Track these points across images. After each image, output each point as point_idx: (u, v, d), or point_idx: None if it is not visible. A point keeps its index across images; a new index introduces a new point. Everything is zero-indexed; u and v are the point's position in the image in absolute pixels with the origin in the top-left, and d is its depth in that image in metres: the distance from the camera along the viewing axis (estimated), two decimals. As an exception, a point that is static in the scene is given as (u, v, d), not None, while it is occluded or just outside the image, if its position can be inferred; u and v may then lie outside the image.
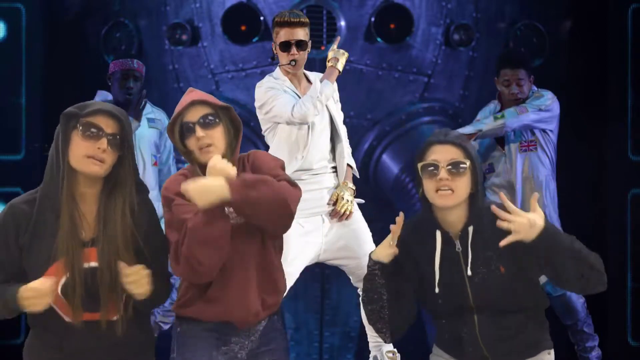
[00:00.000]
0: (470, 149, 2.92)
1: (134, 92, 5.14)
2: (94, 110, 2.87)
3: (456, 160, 2.88)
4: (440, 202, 2.88)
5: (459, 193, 2.88)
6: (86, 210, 2.91)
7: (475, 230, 2.89)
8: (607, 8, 6.01)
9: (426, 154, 2.93)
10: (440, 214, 2.93)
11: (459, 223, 2.92)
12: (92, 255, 2.88)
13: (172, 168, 5.36)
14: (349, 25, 6.24)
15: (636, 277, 5.85)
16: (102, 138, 2.85)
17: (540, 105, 5.11)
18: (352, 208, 4.17)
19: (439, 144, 2.92)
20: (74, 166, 2.87)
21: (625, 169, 5.90)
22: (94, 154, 2.84)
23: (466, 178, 2.88)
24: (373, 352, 4.26)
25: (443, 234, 2.94)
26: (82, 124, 2.86)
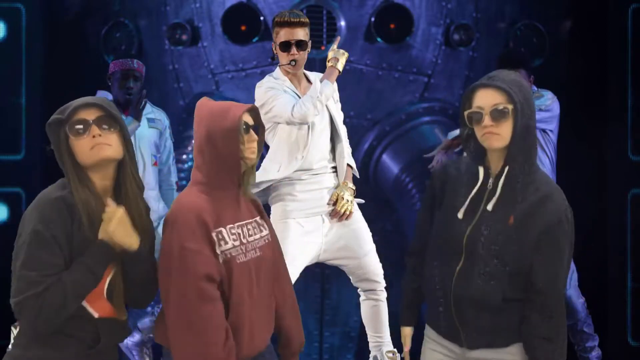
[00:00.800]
0: (514, 92, 2.95)
1: (134, 92, 5.14)
2: (72, 109, 2.90)
3: (499, 106, 2.93)
4: (487, 144, 2.95)
5: (504, 136, 2.93)
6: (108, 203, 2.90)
7: (510, 173, 2.95)
8: (607, 8, 6.01)
9: (471, 100, 2.98)
10: (489, 152, 3.00)
11: (499, 162, 2.99)
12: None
13: (172, 168, 5.36)
14: (349, 25, 6.24)
15: (636, 277, 5.85)
16: (91, 126, 2.87)
17: (540, 105, 5.10)
18: (352, 208, 4.17)
19: (483, 88, 2.98)
20: (89, 163, 2.86)
21: (625, 169, 5.90)
22: (94, 143, 2.85)
23: (510, 121, 2.94)
24: (373, 352, 4.27)
25: (485, 170, 3.01)
26: (69, 128, 2.88)
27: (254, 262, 2.96)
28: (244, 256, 2.93)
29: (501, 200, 2.94)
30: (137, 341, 5.17)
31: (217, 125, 2.93)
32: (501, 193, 2.94)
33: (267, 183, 4.10)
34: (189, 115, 6.14)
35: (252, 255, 2.96)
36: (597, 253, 5.89)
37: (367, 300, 4.27)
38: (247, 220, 3.02)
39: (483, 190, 2.99)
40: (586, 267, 5.32)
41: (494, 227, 2.93)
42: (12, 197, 5.73)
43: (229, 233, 2.91)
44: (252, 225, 3.03)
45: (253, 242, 2.99)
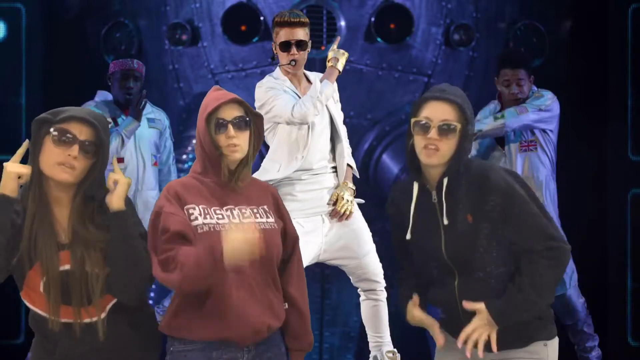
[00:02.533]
0: (465, 108, 2.92)
1: (134, 92, 5.14)
2: (67, 116, 2.85)
3: (448, 122, 2.90)
4: (425, 159, 2.92)
5: (444, 153, 2.90)
6: (62, 213, 2.89)
7: (451, 183, 2.92)
8: (607, 8, 6.01)
9: (420, 110, 2.94)
10: (425, 167, 2.97)
11: (437, 175, 2.96)
12: (65, 258, 2.87)
13: (172, 168, 5.36)
14: (349, 25, 6.24)
15: (636, 277, 5.85)
16: (74, 144, 2.83)
17: (540, 105, 5.11)
18: (352, 208, 4.17)
19: (435, 101, 2.93)
20: (45, 172, 2.85)
21: (625, 169, 5.90)
22: (64, 161, 2.82)
23: (455, 139, 2.91)
24: (373, 352, 4.26)
25: (420, 186, 2.98)
26: (55, 129, 2.84)
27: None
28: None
29: (451, 209, 2.91)
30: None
31: (199, 120, 3.02)
32: (448, 204, 2.92)
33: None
34: (189, 115, 6.15)
35: None
36: (597, 253, 5.89)
37: (367, 300, 4.27)
38: (241, 205, 3.01)
39: (431, 206, 2.96)
40: (586, 267, 5.32)
41: (462, 234, 2.90)
42: (12, 197, 5.73)
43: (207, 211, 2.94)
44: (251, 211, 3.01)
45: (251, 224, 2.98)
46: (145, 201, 5.16)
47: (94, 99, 5.21)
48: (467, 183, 2.91)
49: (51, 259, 2.83)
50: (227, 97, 3.01)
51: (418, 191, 2.98)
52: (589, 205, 5.90)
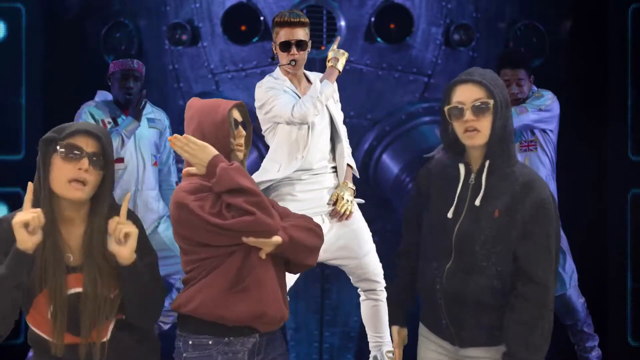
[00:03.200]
0: (493, 86, 2.96)
1: (134, 92, 5.14)
2: (72, 131, 2.84)
3: (480, 100, 2.94)
4: (468, 142, 2.97)
5: (484, 132, 2.95)
6: (73, 234, 2.88)
7: (491, 166, 2.97)
8: (607, 8, 6.01)
9: (451, 96, 2.99)
10: (468, 149, 3.02)
11: (480, 157, 3.00)
12: (79, 280, 2.85)
13: (172, 168, 5.36)
14: (349, 25, 6.24)
15: (636, 277, 5.85)
16: (83, 158, 2.81)
17: (540, 105, 5.10)
18: (352, 208, 4.17)
19: (463, 84, 2.98)
20: (57, 192, 2.83)
21: (625, 169, 5.90)
22: (76, 176, 2.80)
23: (490, 117, 2.95)
24: (373, 352, 4.26)
25: (466, 167, 3.02)
26: (62, 146, 2.82)
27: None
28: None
29: (484, 194, 2.96)
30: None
31: (208, 120, 3.06)
32: (486, 188, 2.96)
33: (267, 183, 4.10)
34: (189, 115, 6.15)
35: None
36: (597, 253, 5.89)
37: (367, 300, 4.27)
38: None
39: (466, 187, 3.00)
40: (586, 267, 5.32)
41: (481, 223, 2.94)
42: (12, 197, 5.73)
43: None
44: None
45: None
46: (145, 201, 5.16)
47: (94, 99, 5.21)
48: (511, 181, 2.94)
49: (60, 285, 2.80)
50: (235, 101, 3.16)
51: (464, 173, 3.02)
52: (589, 205, 5.90)
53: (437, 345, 3.09)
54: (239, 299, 2.93)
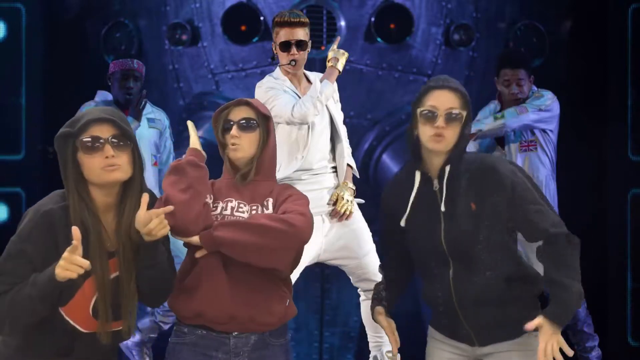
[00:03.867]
0: (467, 96, 3.00)
1: (134, 92, 5.14)
2: (85, 123, 2.82)
3: (454, 110, 2.96)
4: (433, 146, 2.96)
5: (450, 140, 2.96)
6: (108, 220, 2.87)
7: (453, 170, 2.97)
8: (607, 8, 6.01)
9: (424, 100, 2.99)
10: (428, 156, 3.01)
11: (439, 164, 3.00)
12: (115, 265, 2.86)
13: (172, 168, 5.36)
14: (349, 25, 6.24)
15: (636, 277, 5.85)
16: (105, 145, 2.81)
17: (540, 105, 5.11)
18: (352, 208, 4.17)
19: (438, 90, 2.99)
20: (96, 182, 2.82)
21: (625, 169, 5.90)
22: (106, 164, 2.80)
23: (459, 127, 2.97)
24: (373, 352, 4.26)
25: (422, 174, 3.02)
26: (80, 143, 2.81)
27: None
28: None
29: (452, 196, 2.96)
30: (137, 341, 5.17)
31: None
32: (447, 191, 2.96)
33: (267, 183, 4.09)
34: (189, 115, 6.14)
35: None
36: (597, 253, 5.88)
37: (367, 300, 4.27)
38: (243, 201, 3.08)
39: (432, 194, 3.00)
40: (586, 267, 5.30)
41: (463, 222, 2.94)
42: (12, 197, 5.73)
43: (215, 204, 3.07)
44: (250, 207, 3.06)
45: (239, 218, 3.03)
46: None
47: (94, 99, 5.21)
48: (473, 173, 2.95)
49: (105, 271, 2.81)
50: (238, 100, 3.16)
51: (420, 180, 3.02)
52: (589, 205, 5.90)
53: (452, 346, 3.08)
54: (183, 296, 3.00)
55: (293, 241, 2.96)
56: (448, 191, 2.96)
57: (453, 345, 3.08)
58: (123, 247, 2.85)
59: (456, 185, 2.96)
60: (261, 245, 2.90)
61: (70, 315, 2.85)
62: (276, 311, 3.04)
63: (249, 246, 2.90)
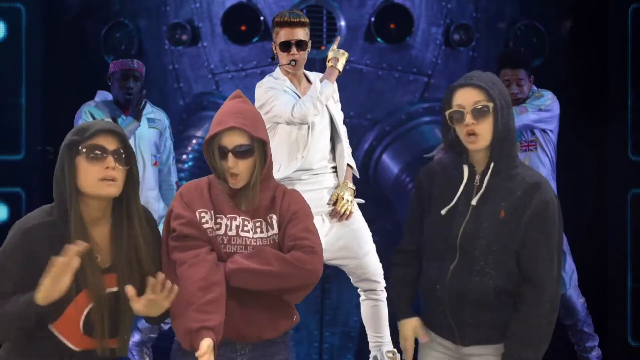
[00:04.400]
0: (493, 89, 2.98)
1: (134, 92, 5.14)
2: (93, 132, 2.83)
3: (479, 103, 2.96)
4: (471, 147, 2.99)
5: (485, 135, 2.97)
6: (99, 234, 2.87)
7: (496, 169, 2.98)
8: (607, 8, 6.01)
9: (451, 100, 3.01)
10: (471, 152, 3.03)
11: (484, 159, 3.02)
12: (109, 281, 2.84)
13: (172, 168, 5.36)
14: (349, 25, 6.24)
15: (636, 277, 5.85)
16: (107, 157, 2.81)
17: (540, 105, 5.10)
18: (352, 208, 4.17)
19: (461, 88, 3.00)
20: (88, 192, 2.82)
21: (625, 169, 5.89)
22: (104, 175, 2.80)
23: (491, 119, 2.96)
24: (373, 352, 4.26)
25: (470, 169, 3.03)
26: (85, 147, 2.81)
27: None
28: (223, 247, 2.98)
29: (488, 195, 2.97)
30: (137, 341, 5.17)
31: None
32: (486, 189, 2.98)
33: (267, 183, 4.09)
34: (189, 115, 6.15)
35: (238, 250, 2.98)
36: (597, 253, 5.88)
37: (367, 300, 4.27)
38: (246, 217, 3.02)
39: (471, 188, 3.01)
40: (586, 267, 5.32)
41: (487, 223, 2.95)
42: (12, 197, 5.73)
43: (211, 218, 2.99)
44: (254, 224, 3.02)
45: (245, 238, 3.00)
46: (145, 201, 5.14)
47: (94, 99, 5.21)
48: (517, 182, 2.97)
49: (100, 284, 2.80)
50: (227, 124, 2.99)
51: (468, 174, 3.03)
52: (589, 205, 5.90)
53: (438, 344, 3.10)
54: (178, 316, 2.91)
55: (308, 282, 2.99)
56: (486, 189, 2.98)
57: (438, 343, 3.10)
58: (120, 263, 2.84)
59: (496, 185, 2.97)
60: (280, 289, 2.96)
61: (61, 332, 2.83)
62: (282, 327, 3.07)
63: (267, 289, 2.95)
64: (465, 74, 3.09)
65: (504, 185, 2.97)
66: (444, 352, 3.09)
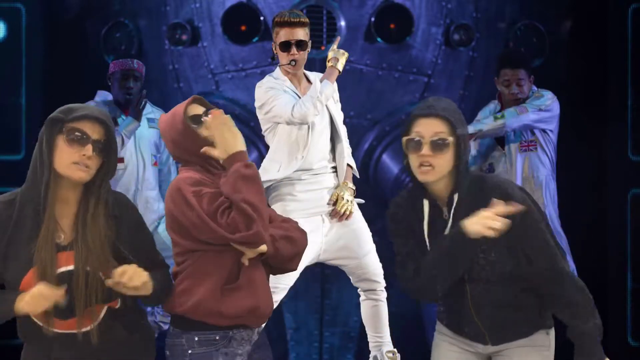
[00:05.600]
0: (455, 121, 2.88)
1: (134, 92, 5.14)
2: (79, 115, 2.83)
3: (439, 137, 2.87)
4: (421, 178, 2.90)
5: (440, 169, 2.88)
6: (66, 213, 2.88)
7: (460, 198, 2.90)
8: (607, 8, 6.01)
9: (410, 128, 2.92)
10: (429, 185, 2.94)
11: (445, 191, 2.93)
12: (68, 258, 2.84)
13: (172, 168, 5.36)
14: (349, 25, 6.24)
15: (636, 277, 5.85)
16: (87, 144, 2.82)
17: (540, 105, 5.11)
18: (352, 208, 4.17)
19: (424, 117, 2.90)
20: (60, 172, 2.83)
21: (625, 169, 5.90)
22: (79, 160, 2.81)
23: (449, 153, 2.88)
24: (373, 352, 4.26)
25: (431, 203, 2.95)
26: (67, 129, 2.82)
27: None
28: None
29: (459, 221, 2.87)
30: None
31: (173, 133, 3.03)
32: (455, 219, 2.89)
33: (267, 183, 4.09)
34: (189, 115, 6.15)
35: None
36: (597, 253, 5.89)
37: (367, 300, 4.27)
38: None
39: (442, 222, 2.94)
40: (586, 267, 5.32)
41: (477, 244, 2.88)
42: (12, 197, 5.72)
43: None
44: None
45: None
46: (145, 201, 5.17)
47: (94, 99, 5.21)
48: (484, 198, 2.85)
49: (50, 262, 2.80)
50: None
51: (429, 208, 2.95)
52: (589, 205, 5.90)
53: (461, 343, 3.07)
54: (234, 295, 2.91)
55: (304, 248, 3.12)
56: (454, 221, 2.89)
57: (462, 342, 3.07)
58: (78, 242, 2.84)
59: (467, 213, 2.85)
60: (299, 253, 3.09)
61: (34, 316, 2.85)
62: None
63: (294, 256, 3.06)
64: (426, 99, 3.00)
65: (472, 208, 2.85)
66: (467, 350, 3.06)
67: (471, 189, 2.91)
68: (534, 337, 3.00)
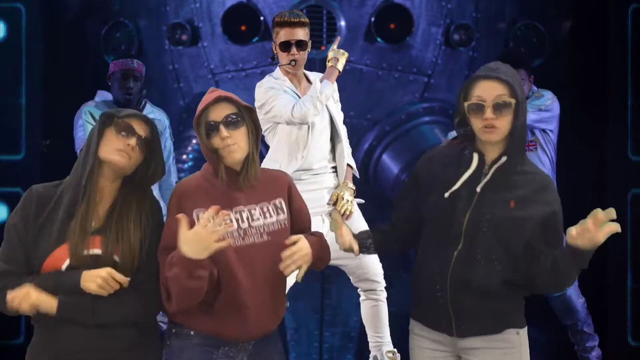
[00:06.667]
0: (515, 85, 2.96)
1: (134, 92, 5.14)
2: (130, 113, 3.08)
3: (502, 99, 2.95)
4: (485, 138, 2.97)
5: (502, 130, 2.96)
6: (101, 201, 3.04)
7: (508, 163, 2.98)
8: (607, 8, 6.01)
9: (471, 91, 2.99)
10: (482, 145, 3.03)
11: (495, 152, 3.01)
12: (96, 242, 2.97)
13: (172, 168, 5.36)
14: (349, 25, 6.24)
15: (636, 277, 5.84)
16: (133, 137, 3.03)
17: (540, 105, 5.11)
18: (352, 208, 4.17)
19: (486, 80, 2.98)
20: (103, 157, 3.02)
21: (625, 169, 5.89)
22: (123, 148, 3.01)
23: (510, 115, 2.95)
24: (373, 352, 4.27)
25: (480, 156, 3.02)
26: (117, 122, 3.05)
27: (258, 247, 2.98)
28: (242, 240, 2.96)
29: (494, 185, 2.97)
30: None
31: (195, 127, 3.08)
32: (493, 178, 2.98)
33: (267, 183, 4.09)
34: (189, 115, 6.15)
35: (256, 240, 2.99)
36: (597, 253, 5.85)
37: (367, 300, 4.27)
38: (251, 205, 3.01)
39: (479, 176, 3.00)
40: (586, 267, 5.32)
41: (495, 211, 2.94)
42: (12, 197, 5.72)
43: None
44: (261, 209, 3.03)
45: (258, 227, 3.00)
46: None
47: (94, 99, 5.21)
48: (528, 178, 2.98)
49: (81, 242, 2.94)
50: (213, 97, 3.00)
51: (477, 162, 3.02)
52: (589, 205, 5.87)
53: (432, 341, 3.07)
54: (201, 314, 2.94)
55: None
56: (494, 178, 2.97)
57: (432, 339, 3.07)
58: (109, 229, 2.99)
59: (505, 178, 2.97)
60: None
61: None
62: (280, 316, 3.12)
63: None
64: (486, 64, 3.07)
65: (513, 178, 2.97)
66: (439, 348, 3.07)
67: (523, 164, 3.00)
68: (503, 336, 2.99)
